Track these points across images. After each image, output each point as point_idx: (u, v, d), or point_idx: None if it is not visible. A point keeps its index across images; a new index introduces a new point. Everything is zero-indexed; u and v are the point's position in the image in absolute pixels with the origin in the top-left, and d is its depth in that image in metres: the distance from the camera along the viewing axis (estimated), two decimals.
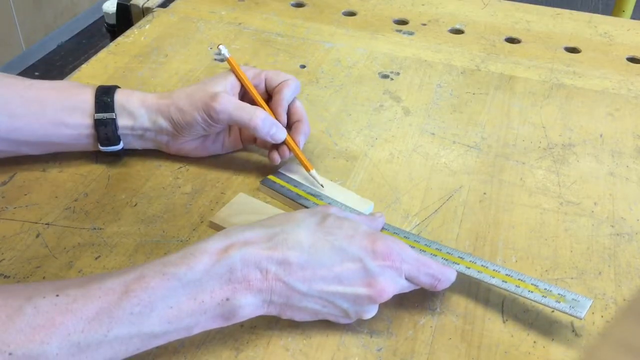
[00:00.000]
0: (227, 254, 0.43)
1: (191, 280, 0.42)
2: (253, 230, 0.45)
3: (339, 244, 0.45)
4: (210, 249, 0.44)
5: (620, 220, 0.59)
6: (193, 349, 0.47)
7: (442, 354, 0.47)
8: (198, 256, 0.43)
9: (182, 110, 0.59)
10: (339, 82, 0.77)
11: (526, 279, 0.49)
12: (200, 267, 0.43)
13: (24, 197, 0.60)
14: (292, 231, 0.45)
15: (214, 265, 0.43)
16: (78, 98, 0.59)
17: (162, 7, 0.90)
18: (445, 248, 0.52)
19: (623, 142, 0.69)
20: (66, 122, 0.59)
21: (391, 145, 0.67)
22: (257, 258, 0.44)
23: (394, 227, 0.54)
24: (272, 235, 0.45)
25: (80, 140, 0.60)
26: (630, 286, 0.53)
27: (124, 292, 0.41)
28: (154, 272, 0.42)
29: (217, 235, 0.45)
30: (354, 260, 0.45)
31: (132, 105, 0.60)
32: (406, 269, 0.47)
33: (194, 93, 0.59)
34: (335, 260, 0.45)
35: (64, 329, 0.39)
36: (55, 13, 2.30)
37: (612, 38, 0.87)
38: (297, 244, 0.45)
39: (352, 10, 0.92)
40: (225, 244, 0.44)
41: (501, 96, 0.75)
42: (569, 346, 0.48)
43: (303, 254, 0.44)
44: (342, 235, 0.46)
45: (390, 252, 0.46)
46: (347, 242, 0.45)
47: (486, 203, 0.61)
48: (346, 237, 0.46)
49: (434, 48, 0.84)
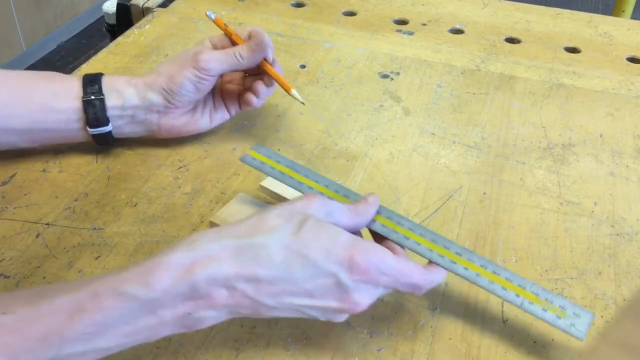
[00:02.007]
0: (191, 273, 0.40)
1: (150, 299, 0.40)
2: (221, 241, 0.42)
3: (314, 259, 0.42)
4: (172, 265, 0.40)
5: (620, 220, 0.59)
6: (193, 349, 0.47)
7: (442, 354, 0.47)
8: (158, 274, 0.40)
9: (170, 75, 0.60)
10: (339, 82, 0.77)
11: (527, 285, 0.46)
12: (161, 286, 0.40)
13: (24, 197, 0.60)
14: (264, 244, 0.42)
15: (175, 285, 0.40)
16: (66, 84, 0.60)
17: (162, 7, 0.90)
18: (442, 240, 0.48)
19: (623, 142, 0.69)
20: (55, 106, 0.59)
21: (391, 145, 0.67)
22: (224, 276, 0.41)
23: (388, 211, 0.49)
24: (242, 250, 0.41)
25: (69, 125, 0.60)
26: (630, 286, 0.53)
27: (76, 312, 0.39)
28: (109, 290, 0.39)
29: (180, 245, 0.42)
30: (328, 275, 0.42)
31: (120, 86, 0.61)
32: (384, 281, 0.43)
33: (177, 58, 0.62)
34: (308, 276, 0.42)
35: (8, 349, 0.37)
36: (55, 13, 2.31)
37: (612, 38, 0.87)
38: (268, 260, 0.41)
39: (352, 10, 0.92)
40: (189, 260, 0.40)
41: (501, 96, 0.75)
42: (569, 346, 0.48)
43: (273, 270, 0.41)
44: (318, 248, 0.42)
45: (368, 266, 0.42)
46: (322, 257, 0.42)
47: (486, 203, 0.61)
48: (322, 250, 0.42)
49: (434, 48, 0.84)
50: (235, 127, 0.69)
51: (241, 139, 0.67)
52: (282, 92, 0.74)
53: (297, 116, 0.71)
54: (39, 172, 0.62)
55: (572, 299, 0.52)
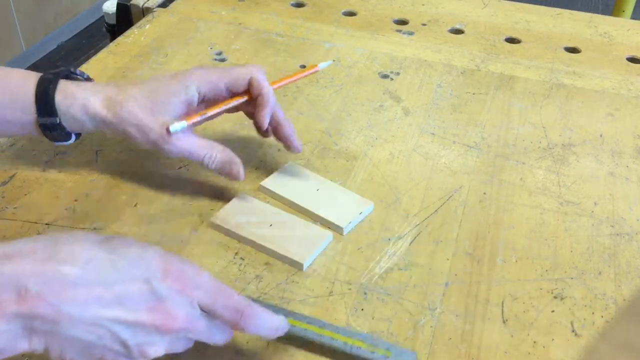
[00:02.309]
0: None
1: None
2: (25, 242, 0.37)
3: (123, 262, 0.38)
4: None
5: (620, 220, 0.59)
6: (193, 349, 0.47)
7: (442, 354, 0.47)
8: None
9: (130, 136, 0.54)
10: (339, 82, 0.77)
11: (354, 335, 0.46)
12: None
13: (24, 197, 0.60)
14: (67, 243, 0.37)
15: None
16: (18, 94, 0.54)
17: (162, 7, 0.90)
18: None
19: (623, 142, 0.69)
20: (9, 119, 0.54)
21: (391, 145, 0.67)
22: (14, 274, 0.35)
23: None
24: (41, 248, 0.37)
25: (32, 133, 0.56)
26: (630, 286, 0.53)
27: None
28: None
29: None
30: (139, 280, 0.38)
31: (75, 112, 0.54)
32: (199, 297, 0.40)
33: (144, 119, 0.54)
34: (117, 279, 0.38)
35: None
36: (55, 13, 2.31)
37: (612, 38, 0.87)
38: (71, 257, 0.37)
39: (352, 10, 0.92)
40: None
41: (501, 96, 0.75)
42: (569, 346, 0.48)
43: (76, 269, 0.36)
44: (129, 254, 0.39)
45: (182, 275, 0.39)
46: (133, 261, 0.39)
47: (486, 203, 0.61)
48: (133, 256, 0.39)
49: (434, 48, 0.84)
50: (235, 126, 0.69)
51: (241, 139, 0.67)
52: (282, 92, 0.74)
53: (297, 116, 0.71)
54: (39, 172, 0.62)
55: (572, 298, 0.52)
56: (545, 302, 0.51)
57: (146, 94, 0.55)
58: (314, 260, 0.54)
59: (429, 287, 0.52)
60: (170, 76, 0.56)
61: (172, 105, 0.55)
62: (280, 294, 0.51)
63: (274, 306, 0.48)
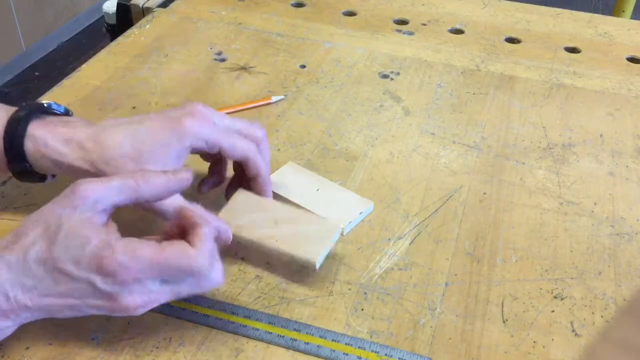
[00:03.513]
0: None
1: None
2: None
3: (67, 271, 0.42)
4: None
5: (620, 220, 0.59)
6: (193, 349, 0.47)
7: (442, 354, 0.47)
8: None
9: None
10: (339, 82, 0.77)
11: (366, 345, 0.47)
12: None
13: (24, 197, 0.59)
14: (25, 262, 0.42)
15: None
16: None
17: (162, 7, 0.91)
18: (280, 320, 0.49)
19: (623, 142, 0.69)
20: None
21: (391, 145, 0.67)
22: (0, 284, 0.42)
23: (220, 303, 0.50)
24: (10, 264, 0.42)
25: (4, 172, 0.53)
26: (630, 286, 0.53)
27: None
28: None
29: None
30: (84, 282, 0.42)
31: (46, 165, 0.51)
32: (148, 276, 0.42)
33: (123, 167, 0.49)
34: (68, 289, 0.42)
35: None
36: (55, 13, 2.31)
37: (612, 38, 0.87)
38: (32, 275, 0.42)
39: (352, 10, 0.92)
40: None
41: (501, 96, 0.75)
42: (569, 346, 0.48)
43: (38, 282, 0.42)
44: (69, 259, 0.42)
45: (117, 269, 0.41)
46: (73, 267, 0.42)
47: (486, 203, 0.61)
48: (72, 261, 0.42)
49: (434, 48, 0.84)
50: None
51: None
52: (282, 92, 0.74)
53: (297, 116, 0.71)
54: None
55: (572, 299, 0.52)
56: (545, 302, 0.51)
57: (131, 142, 0.50)
58: None
59: (429, 287, 0.52)
60: (160, 121, 0.51)
61: (163, 158, 0.50)
62: (280, 294, 0.51)
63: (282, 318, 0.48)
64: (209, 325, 0.49)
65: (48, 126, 0.51)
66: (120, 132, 0.50)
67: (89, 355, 0.46)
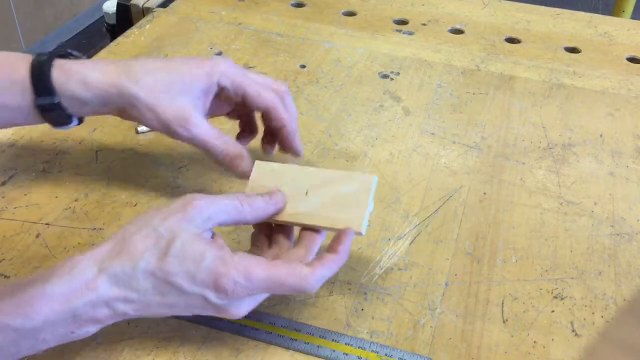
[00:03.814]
0: (70, 302, 0.40)
1: (30, 329, 0.39)
2: (95, 267, 0.41)
3: (179, 285, 0.42)
4: (49, 296, 0.39)
5: (620, 220, 0.59)
6: (193, 349, 0.47)
7: (442, 354, 0.47)
8: (36, 306, 0.39)
9: (138, 116, 0.51)
10: (339, 82, 0.77)
11: (366, 345, 0.47)
12: (40, 317, 0.39)
13: (24, 197, 0.60)
14: (132, 274, 0.41)
15: (55, 314, 0.40)
16: (13, 77, 0.50)
17: (162, 7, 0.91)
18: (281, 321, 0.49)
19: (623, 142, 0.69)
20: (7, 104, 0.51)
21: (391, 145, 0.67)
22: (103, 300, 0.41)
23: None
24: (116, 277, 0.41)
25: (29, 120, 0.52)
26: (630, 286, 0.53)
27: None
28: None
29: (58, 273, 0.41)
30: (197, 297, 0.42)
31: (73, 88, 0.50)
32: (259, 291, 0.43)
33: (157, 98, 0.51)
34: (179, 301, 0.42)
35: None
36: (55, 13, 2.31)
37: (612, 38, 0.87)
38: (139, 288, 0.42)
39: (352, 10, 0.92)
40: (67, 290, 0.40)
41: (501, 96, 0.75)
42: (569, 346, 0.48)
43: (147, 296, 0.42)
44: (183, 274, 0.42)
45: (233, 288, 0.42)
46: (187, 283, 0.42)
47: (486, 203, 0.61)
48: (186, 276, 0.42)
49: (434, 48, 0.84)
50: (236, 126, 0.69)
51: None
52: None
53: (297, 116, 0.70)
54: (39, 172, 0.62)
55: (572, 299, 0.52)
56: (545, 302, 0.51)
57: (165, 70, 0.51)
58: None
59: (429, 287, 0.52)
60: (191, 58, 0.53)
61: (193, 89, 0.51)
62: (281, 294, 0.51)
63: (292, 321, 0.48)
64: (209, 325, 0.49)
65: (73, 60, 0.52)
66: (150, 61, 0.52)
67: (89, 355, 0.46)
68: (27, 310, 0.39)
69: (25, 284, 0.40)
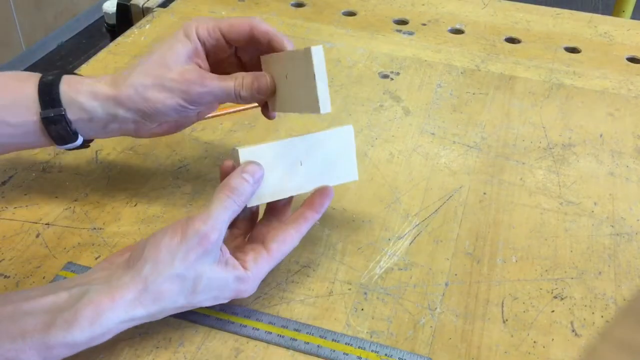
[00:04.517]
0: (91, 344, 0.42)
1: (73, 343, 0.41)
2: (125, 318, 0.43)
3: (204, 304, 0.46)
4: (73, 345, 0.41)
5: (620, 220, 0.59)
6: (193, 349, 0.47)
7: (442, 354, 0.47)
8: (58, 352, 0.41)
9: (146, 97, 0.51)
10: (339, 82, 0.77)
11: (366, 345, 0.48)
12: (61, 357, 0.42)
13: (24, 197, 0.60)
14: (162, 312, 0.44)
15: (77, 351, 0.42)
16: (19, 93, 0.51)
17: (162, 7, 0.91)
18: (280, 320, 0.49)
19: (623, 142, 0.69)
20: (10, 122, 0.51)
21: (391, 145, 0.67)
22: (122, 324, 0.43)
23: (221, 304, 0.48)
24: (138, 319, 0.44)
25: (28, 139, 0.52)
26: (630, 286, 0.53)
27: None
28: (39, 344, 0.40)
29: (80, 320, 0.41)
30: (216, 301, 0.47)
31: (81, 97, 0.51)
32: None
33: (160, 75, 0.51)
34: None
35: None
36: (55, 13, 2.31)
37: (612, 38, 0.87)
38: (159, 314, 0.44)
39: (352, 10, 0.92)
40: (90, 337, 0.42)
41: (501, 96, 0.75)
42: (569, 346, 0.48)
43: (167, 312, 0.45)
44: (209, 299, 0.46)
45: (254, 288, 0.47)
46: (211, 302, 0.46)
47: (486, 203, 0.61)
48: (212, 299, 0.46)
49: (434, 48, 0.84)
50: (235, 126, 0.69)
51: (241, 139, 0.67)
52: None
53: (298, 116, 0.71)
54: (39, 172, 0.62)
55: (572, 299, 0.52)
56: (545, 302, 0.51)
57: (148, 57, 0.52)
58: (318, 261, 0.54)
59: (429, 287, 0.52)
60: (166, 38, 0.53)
61: (180, 53, 0.51)
62: (280, 294, 0.51)
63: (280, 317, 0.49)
64: (209, 325, 0.49)
65: (81, 76, 0.53)
66: (140, 58, 0.53)
67: (89, 355, 0.46)
68: (47, 356, 0.41)
69: (48, 322, 0.41)
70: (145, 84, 0.51)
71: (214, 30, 0.52)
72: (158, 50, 0.52)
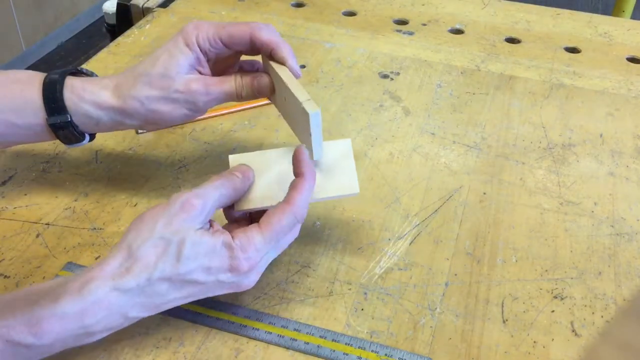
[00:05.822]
0: (82, 320, 0.41)
1: (41, 345, 0.40)
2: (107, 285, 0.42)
3: (197, 279, 0.44)
4: (60, 316, 0.40)
5: (620, 220, 0.59)
6: (193, 349, 0.47)
7: (442, 354, 0.47)
8: (47, 326, 0.40)
9: (152, 109, 0.52)
10: (339, 82, 0.77)
11: (366, 345, 0.47)
12: (51, 337, 0.41)
13: (24, 197, 0.60)
14: (147, 283, 0.42)
15: (66, 332, 0.41)
16: (24, 96, 0.52)
17: (162, 7, 0.90)
18: (280, 320, 0.49)
19: (623, 142, 0.69)
20: (17, 124, 0.52)
21: (391, 145, 0.67)
22: (118, 313, 0.42)
23: (220, 303, 0.50)
24: (132, 292, 0.42)
25: (39, 138, 0.54)
26: (630, 286, 0.53)
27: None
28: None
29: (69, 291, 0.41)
30: (215, 282, 0.45)
31: (87, 107, 0.52)
32: (267, 257, 0.47)
33: (165, 87, 0.51)
34: (199, 290, 0.45)
35: None
36: (55, 13, 2.30)
37: (612, 38, 0.87)
38: (160, 294, 0.43)
39: (352, 10, 0.92)
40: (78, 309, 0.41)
41: (501, 96, 0.75)
42: (569, 346, 0.48)
43: (169, 298, 0.44)
44: (199, 268, 0.43)
45: (250, 265, 0.45)
46: (203, 274, 0.44)
47: (486, 203, 0.61)
48: (202, 269, 0.44)
49: (434, 48, 0.84)
50: (235, 126, 0.69)
51: (241, 139, 0.67)
52: None
53: None
54: (39, 172, 0.62)
55: (572, 299, 0.52)
56: (545, 302, 0.51)
57: (151, 67, 0.52)
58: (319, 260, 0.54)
59: (429, 287, 0.52)
60: (169, 40, 0.53)
61: (182, 64, 0.52)
62: (280, 294, 0.51)
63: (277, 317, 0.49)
64: (209, 325, 0.49)
65: (82, 79, 0.53)
66: (142, 64, 0.52)
67: (89, 355, 0.46)
68: (38, 331, 0.40)
69: (35, 299, 0.41)
70: (150, 97, 0.52)
71: (214, 40, 0.52)
72: (160, 58, 0.52)
